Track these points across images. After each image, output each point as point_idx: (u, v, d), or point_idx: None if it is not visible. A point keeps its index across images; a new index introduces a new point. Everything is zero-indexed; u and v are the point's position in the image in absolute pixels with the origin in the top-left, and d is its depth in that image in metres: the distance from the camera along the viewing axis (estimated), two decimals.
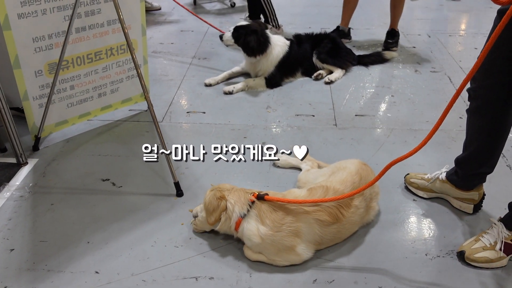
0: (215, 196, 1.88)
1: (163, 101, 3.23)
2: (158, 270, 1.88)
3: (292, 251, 1.85)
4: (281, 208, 1.84)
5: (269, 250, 1.85)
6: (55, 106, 2.65)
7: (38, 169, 2.49)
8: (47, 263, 1.91)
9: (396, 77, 3.62)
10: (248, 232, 1.84)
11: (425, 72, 3.71)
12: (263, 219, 1.82)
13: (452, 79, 3.56)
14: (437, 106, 3.16)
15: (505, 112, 1.93)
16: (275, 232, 1.82)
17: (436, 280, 1.84)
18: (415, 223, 2.14)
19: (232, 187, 1.96)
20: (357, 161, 2.14)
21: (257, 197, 1.86)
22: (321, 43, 3.65)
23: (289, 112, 3.09)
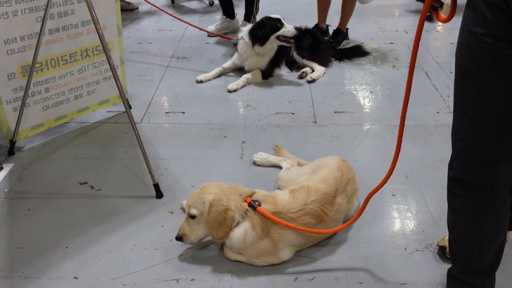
0: (220, 209, 1.75)
1: (142, 101, 3.20)
2: (138, 273, 1.86)
3: (273, 255, 1.86)
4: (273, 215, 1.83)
5: (251, 253, 1.85)
6: (30, 109, 2.60)
7: (13, 174, 2.44)
8: (24, 270, 1.87)
9: (375, 73, 3.65)
10: (235, 237, 1.81)
11: (402, 68, 3.75)
12: (254, 225, 1.80)
13: (429, 74, 3.61)
14: (414, 102, 3.20)
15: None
16: (262, 238, 1.82)
17: (416, 274, 1.86)
18: (394, 218, 2.17)
19: (221, 187, 1.85)
20: (337, 157, 2.15)
21: (249, 205, 1.82)
22: (301, 39, 3.67)
23: (268, 111, 3.09)
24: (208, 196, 1.81)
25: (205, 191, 1.83)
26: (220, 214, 1.76)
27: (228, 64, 3.61)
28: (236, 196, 1.82)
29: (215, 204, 1.76)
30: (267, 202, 1.85)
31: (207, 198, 1.80)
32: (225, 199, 1.78)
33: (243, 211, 1.80)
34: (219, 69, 3.58)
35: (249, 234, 1.80)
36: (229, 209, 1.77)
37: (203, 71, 3.59)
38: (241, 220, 1.81)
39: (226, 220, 1.77)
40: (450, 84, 3.44)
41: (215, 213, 1.76)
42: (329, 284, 1.82)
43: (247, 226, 1.80)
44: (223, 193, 1.80)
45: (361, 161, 2.55)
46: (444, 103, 3.17)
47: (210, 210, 1.76)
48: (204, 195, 1.82)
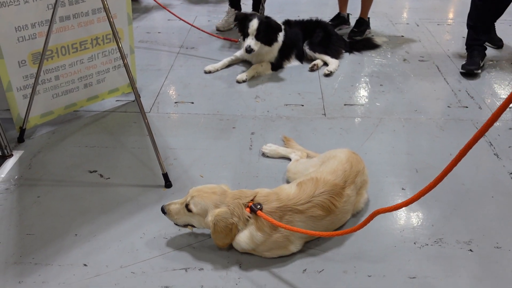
0: (225, 224, 1.77)
1: (151, 91, 3.20)
2: (147, 262, 1.87)
3: (284, 248, 1.87)
4: (277, 210, 1.82)
5: (262, 249, 1.85)
6: (40, 97, 2.61)
7: (23, 161, 2.45)
8: (34, 256, 1.89)
9: (385, 66, 3.62)
10: (242, 241, 1.82)
11: (413, 61, 3.72)
12: (260, 227, 1.80)
13: (440, 68, 3.57)
14: (425, 95, 3.18)
15: None
16: (271, 235, 1.81)
17: (425, 268, 1.86)
18: (404, 212, 2.16)
19: (225, 200, 1.82)
20: (347, 150, 2.14)
21: (251, 209, 1.81)
22: (313, 33, 3.66)
23: (278, 102, 3.08)
24: (211, 208, 1.80)
25: (212, 200, 1.81)
26: (226, 227, 1.78)
27: (237, 55, 3.60)
28: (239, 209, 1.81)
29: (221, 220, 1.77)
30: (269, 201, 1.84)
31: (211, 210, 1.79)
32: (229, 215, 1.78)
33: (245, 219, 1.81)
34: (227, 60, 3.57)
35: (256, 235, 1.80)
36: (233, 223, 1.79)
37: (212, 61, 3.58)
38: (244, 227, 1.81)
39: (232, 231, 1.80)
40: (461, 78, 3.41)
41: (221, 227, 1.78)
42: (338, 277, 1.82)
43: (251, 230, 1.81)
44: (227, 209, 1.79)
45: (371, 154, 2.54)
46: (456, 97, 3.14)
47: (216, 224, 1.77)
48: (210, 204, 1.80)
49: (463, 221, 2.10)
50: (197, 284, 1.78)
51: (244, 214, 1.80)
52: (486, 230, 2.05)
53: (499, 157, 2.53)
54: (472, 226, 2.07)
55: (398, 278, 1.81)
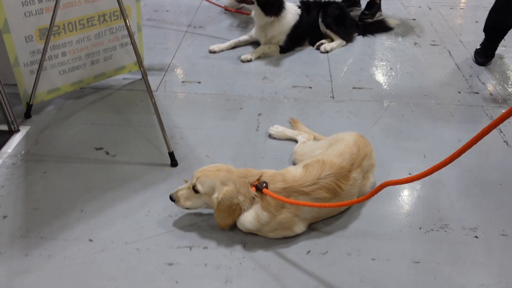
0: (230, 203, 1.77)
1: (158, 70, 3.18)
2: (152, 239, 1.88)
3: (288, 229, 1.87)
4: (283, 191, 1.82)
5: (266, 229, 1.86)
6: (47, 73, 2.60)
7: (30, 137, 2.46)
8: (40, 230, 1.91)
9: (395, 50, 3.57)
10: (247, 221, 1.82)
11: (424, 45, 3.67)
12: (266, 206, 1.80)
13: (452, 53, 3.52)
14: (436, 80, 3.14)
15: None
16: (276, 215, 1.82)
17: (430, 253, 1.86)
18: (410, 196, 2.15)
19: (232, 178, 1.81)
20: (354, 133, 2.12)
21: (257, 188, 1.81)
22: (328, 7, 3.61)
23: (286, 84, 3.06)
24: (220, 186, 1.79)
25: (218, 177, 1.81)
26: (230, 207, 1.78)
27: (245, 37, 3.56)
28: (245, 188, 1.80)
29: (226, 199, 1.77)
30: (275, 181, 1.84)
31: (218, 188, 1.79)
32: (235, 194, 1.78)
33: (251, 198, 1.81)
34: (234, 41, 3.53)
35: (261, 215, 1.81)
36: (239, 203, 1.79)
37: (220, 41, 3.55)
38: (250, 206, 1.81)
39: (235, 212, 1.80)
40: (473, 64, 3.36)
41: (226, 206, 1.78)
42: (342, 259, 1.83)
43: (257, 210, 1.81)
44: (234, 187, 1.79)
45: (379, 138, 2.52)
46: (466, 83, 3.10)
47: (221, 203, 1.78)
48: (216, 181, 1.80)
49: (469, 208, 2.09)
50: (201, 262, 1.79)
51: (250, 193, 1.80)
52: (493, 217, 2.04)
53: (508, 144, 2.51)
54: (478, 213, 2.06)
55: (402, 262, 1.82)
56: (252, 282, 1.72)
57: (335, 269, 1.78)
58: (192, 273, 1.75)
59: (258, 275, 1.75)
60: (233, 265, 1.78)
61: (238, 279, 1.73)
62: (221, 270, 1.76)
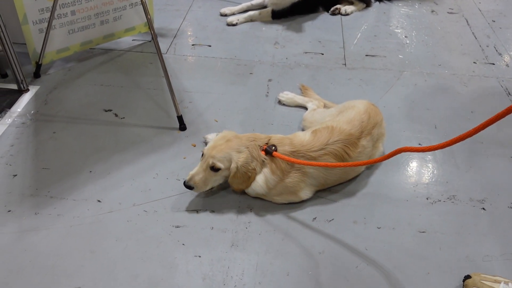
0: (247, 169, 1.77)
1: (168, 32, 3.13)
2: (159, 201, 1.90)
3: (294, 194, 1.87)
4: (290, 155, 1.81)
5: (273, 193, 1.86)
6: (56, 32, 2.57)
7: (39, 97, 2.46)
8: (49, 189, 1.93)
9: (411, 17, 3.47)
10: (257, 185, 1.82)
11: (442, 13, 3.55)
12: (274, 170, 1.81)
13: (470, 22, 3.42)
14: (451, 50, 3.06)
15: None
16: (283, 179, 1.82)
17: (436, 224, 1.86)
18: (419, 167, 2.14)
19: (244, 142, 1.81)
20: (366, 101, 2.09)
21: (266, 152, 1.81)
22: None
23: (297, 49, 3.00)
24: (235, 154, 1.78)
25: (231, 147, 1.79)
26: (246, 174, 1.78)
27: (258, 0, 3.47)
28: (256, 150, 1.80)
29: (243, 166, 1.77)
30: (283, 144, 1.83)
31: (235, 157, 1.77)
32: (250, 159, 1.77)
33: (261, 161, 1.80)
34: (246, 4, 3.43)
35: (270, 178, 1.81)
36: (255, 169, 1.78)
37: (232, 4, 3.47)
38: (260, 170, 1.81)
39: (251, 178, 1.80)
40: (491, 34, 3.26)
41: (242, 173, 1.78)
42: (347, 227, 1.83)
43: (266, 173, 1.81)
44: (248, 153, 1.78)
45: (390, 107, 2.49)
46: (483, 53, 3.02)
47: (238, 170, 1.77)
48: (231, 151, 1.78)
49: (478, 179, 2.07)
50: (208, 225, 1.81)
51: (260, 157, 1.80)
52: (501, 190, 2.02)
53: None
54: (487, 185, 2.04)
55: (407, 231, 1.82)
56: (257, 246, 1.74)
57: (340, 236, 1.79)
58: (199, 236, 1.77)
59: (264, 240, 1.77)
60: (239, 229, 1.80)
61: (244, 243, 1.75)
62: (227, 234, 1.78)
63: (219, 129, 2.26)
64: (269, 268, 1.67)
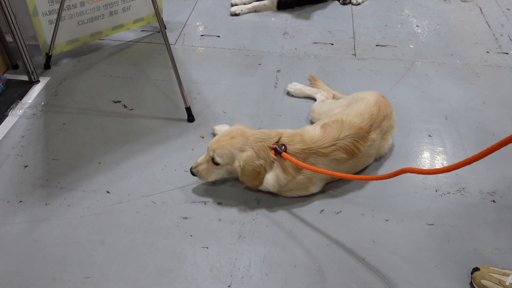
0: (254, 166, 1.75)
1: (177, 22, 3.12)
2: (167, 193, 1.91)
3: (305, 189, 1.88)
4: (302, 152, 1.80)
5: (284, 189, 1.86)
6: (66, 23, 2.58)
7: (50, 88, 2.48)
8: (60, 180, 1.95)
9: (423, 6, 3.42)
10: (268, 183, 1.82)
11: (454, 1, 3.49)
12: (285, 168, 1.80)
13: (484, 10, 3.35)
14: (464, 39, 3.01)
15: None
16: (295, 177, 1.81)
17: (444, 216, 1.85)
18: (428, 159, 2.12)
19: (248, 140, 1.78)
20: (375, 92, 2.07)
21: (276, 151, 1.78)
22: None
23: (306, 40, 2.98)
24: (239, 153, 1.76)
25: (234, 145, 1.78)
26: (254, 171, 1.76)
27: None
28: (264, 151, 1.78)
29: (248, 164, 1.75)
30: (294, 142, 1.81)
31: (238, 155, 1.77)
32: (255, 157, 1.76)
33: (271, 161, 1.79)
34: None
35: (282, 177, 1.80)
36: (261, 165, 1.77)
37: None
38: (270, 169, 1.80)
39: (260, 173, 1.78)
40: (505, 22, 3.20)
41: (249, 171, 1.76)
42: (355, 219, 1.83)
43: (277, 172, 1.80)
44: (253, 151, 1.76)
45: (400, 98, 2.46)
46: (496, 43, 2.97)
47: (244, 169, 1.75)
48: (234, 149, 1.77)
49: (489, 171, 2.05)
50: (215, 217, 1.82)
51: (270, 157, 1.78)
52: None
53: None
54: (497, 177, 2.02)
55: (415, 224, 1.81)
56: (265, 238, 1.75)
57: (348, 228, 1.79)
58: (206, 227, 1.78)
59: (271, 232, 1.78)
60: (247, 221, 1.81)
61: (251, 234, 1.76)
62: (235, 226, 1.79)
63: (227, 121, 2.26)
64: (276, 259, 1.68)
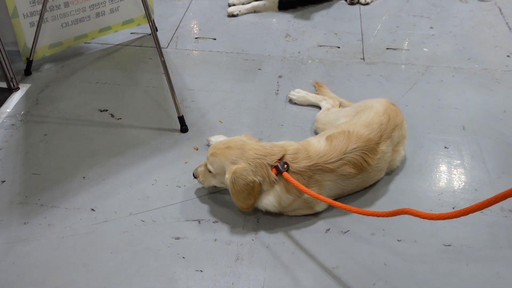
0: (246, 181, 1.73)
1: (169, 24, 3.15)
2: (158, 210, 1.91)
3: (310, 208, 1.88)
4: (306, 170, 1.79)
5: (287, 209, 1.86)
6: (48, 26, 2.60)
7: (30, 96, 2.50)
8: (40, 197, 1.95)
9: (438, 6, 3.45)
10: (269, 203, 1.81)
11: (472, 0, 3.52)
12: (289, 188, 1.79)
13: (503, 11, 3.38)
14: (482, 42, 3.03)
15: None
16: (299, 196, 1.81)
17: (462, 236, 1.84)
18: (444, 173, 2.12)
19: (247, 154, 1.76)
20: (385, 100, 2.08)
21: (277, 170, 1.76)
22: None
23: (311, 42, 3.00)
24: (229, 165, 1.76)
25: (228, 156, 1.77)
26: (247, 186, 1.74)
27: None
28: (264, 169, 1.76)
29: (239, 177, 1.73)
30: (299, 159, 1.80)
31: (228, 168, 1.76)
32: (249, 172, 1.74)
33: (272, 181, 1.77)
34: None
35: (284, 197, 1.80)
36: (254, 180, 1.74)
37: None
38: (271, 188, 1.79)
39: (254, 189, 1.76)
40: None
41: (241, 185, 1.74)
42: (364, 239, 1.82)
43: (279, 192, 1.79)
44: (246, 165, 1.75)
45: (412, 106, 2.47)
46: None
47: (235, 183, 1.74)
48: (225, 161, 1.77)
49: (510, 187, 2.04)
50: (211, 237, 1.82)
51: (271, 177, 1.76)
52: None
53: None
54: None
55: (431, 244, 1.81)
56: (265, 260, 1.74)
57: (356, 249, 1.79)
58: (200, 248, 1.78)
59: (272, 254, 1.77)
60: (245, 242, 1.80)
61: (249, 257, 1.75)
62: (232, 247, 1.79)
63: (224, 131, 2.27)
64: (278, 284, 1.68)
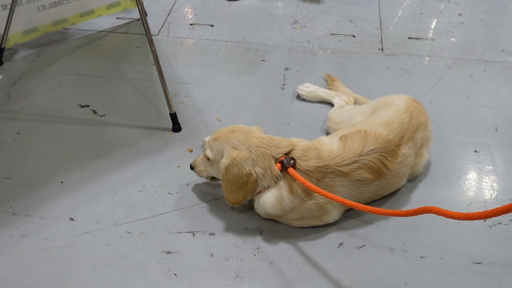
0: (241, 172, 1.74)
1: (160, 8, 3.16)
2: (146, 220, 1.92)
3: (318, 218, 1.87)
4: (315, 171, 1.79)
5: (291, 217, 1.86)
6: (22, 9, 2.61)
7: (1, 89, 2.50)
8: (11, 204, 1.96)
9: None
10: (268, 203, 1.81)
11: None
12: (293, 188, 1.79)
13: None
14: None
15: None
16: (305, 201, 1.81)
17: (494, 253, 1.84)
18: (474, 180, 2.12)
19: (251, 142, 1.79)
20: (407, 96, 2.09)
21: (282, 165, 1.77)
22: None
23: (322, 30, 3.01)
24: (229, 150, 1.78)
25: (230, 140, 1.80)
26: (240, 177, 1.76)
27: None
28: (266, 160, 1.77)
29: (235, 165, 1.74)
30: (308, 157, 1.81)
31: (227, 152, 1.78)
32: (249, 162, 1.76)
33: (274, 176, 1.78)
34: None
35: (286, 198, 1.80)
36: (251, 174, 1.75)
37: None
38: (272, 185, 1.80)
39: (247, 184, 1.77)
40: None
41: (234, 175, 1.75)
42: (382, 255, 1.83)
43: (282, 191, 1.80)
44: (249, 153, 1.77)
45: (438, 103, 2.48)
46: None
47: (228, 170, 1.75)
48: (227, 144, 1.79)
49: None
50: (206, 252, 1.82)
51: (273, 170, 1.78)
52: None
53: None
54: None
55: (458, 262, 1.81)
56: (268, 279, 1.75)
57: (373, 267, 1.79)
58: (195, 264, 1.78)
59: (276, 271, 1.77)
60: (246, 257, 1.81)
61: (251, 274, 1.76)
62: (231, 263, 1.79)
63: None
64: None
